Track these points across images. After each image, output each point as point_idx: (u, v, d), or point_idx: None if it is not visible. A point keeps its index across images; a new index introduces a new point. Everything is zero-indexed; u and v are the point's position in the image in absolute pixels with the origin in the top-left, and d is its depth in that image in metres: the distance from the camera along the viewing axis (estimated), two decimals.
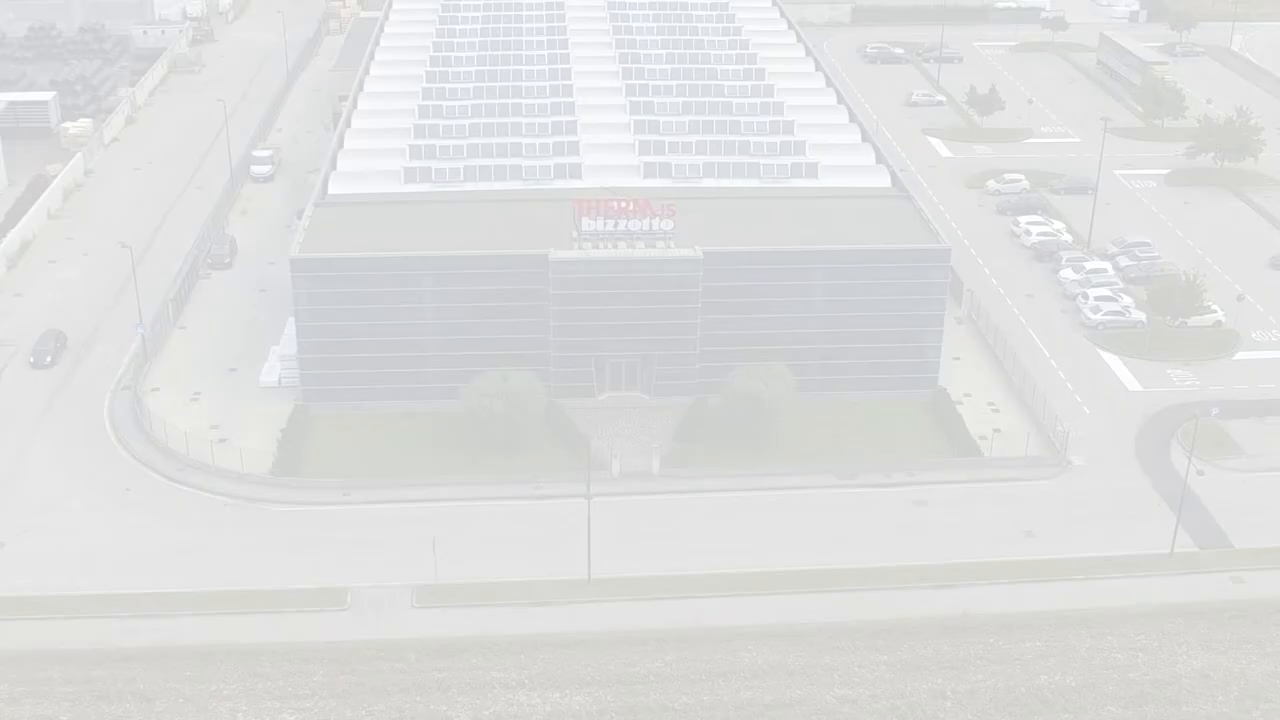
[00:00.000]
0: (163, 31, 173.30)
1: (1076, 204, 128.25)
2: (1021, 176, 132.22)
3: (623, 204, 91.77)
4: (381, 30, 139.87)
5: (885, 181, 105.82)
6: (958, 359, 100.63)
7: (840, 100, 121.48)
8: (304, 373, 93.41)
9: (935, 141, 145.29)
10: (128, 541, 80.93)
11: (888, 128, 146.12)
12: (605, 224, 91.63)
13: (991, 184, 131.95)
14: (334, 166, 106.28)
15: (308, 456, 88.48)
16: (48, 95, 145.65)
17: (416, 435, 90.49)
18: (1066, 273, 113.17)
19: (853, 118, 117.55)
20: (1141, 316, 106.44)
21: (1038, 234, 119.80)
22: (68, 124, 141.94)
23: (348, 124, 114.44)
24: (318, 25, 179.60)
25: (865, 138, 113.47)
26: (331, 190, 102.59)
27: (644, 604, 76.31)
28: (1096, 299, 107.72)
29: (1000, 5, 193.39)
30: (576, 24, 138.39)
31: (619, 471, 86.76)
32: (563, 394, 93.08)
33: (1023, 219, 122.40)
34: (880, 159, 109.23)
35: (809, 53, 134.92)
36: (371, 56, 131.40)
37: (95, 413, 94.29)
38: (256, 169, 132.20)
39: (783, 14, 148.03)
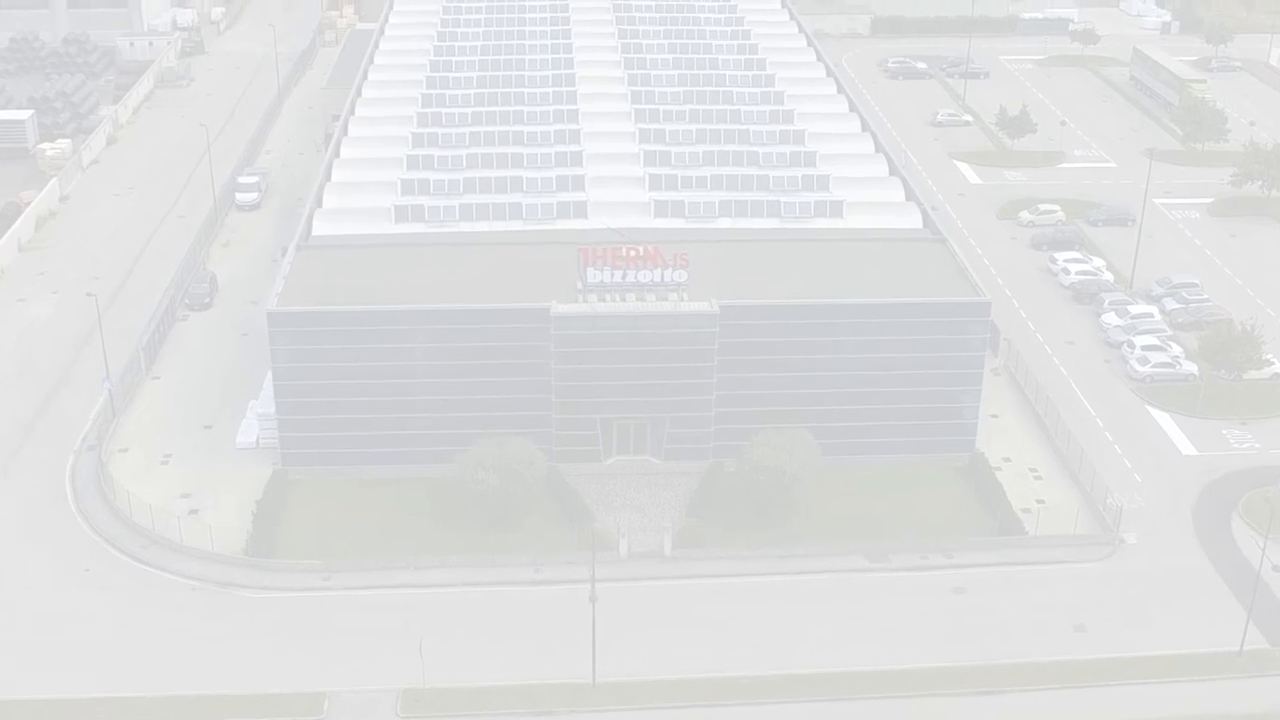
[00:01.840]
0: (150, 43, 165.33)
1: (1115, 237, 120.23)
2: (1057, 207, 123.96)
3: (632, 252, 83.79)
4: (376, 46, 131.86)
5: (916, 221, 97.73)
6: (995, 416, 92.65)
7: (865, 128, 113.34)
8: (283, 434, 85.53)
9: (963, 166, 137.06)
10: (82, 632, 73.00)
11: (912, 151, 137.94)
12: (612, 274, 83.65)
13: (1025, 215, 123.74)
14: (319, 203, 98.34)
15: (286, 530, 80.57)
16: (25, 114, 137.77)
17: (405, 506, 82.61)
18: (1109, 317, 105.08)
19: (878, 147, 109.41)
20: (1193, 368, 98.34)
21: (1076, 272, 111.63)
22: (45, 145, 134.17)
23: (336, 153, 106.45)
24: (312, 36, 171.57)
25: (893, 170, 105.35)
26: (316, 230, 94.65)
27: (654, 713, 68.31)
28: (1143, 349, 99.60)
29: (1026, 16, 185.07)
30: (583, 42, 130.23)
31: (626, 552, 78.84)
32: (566, 458, 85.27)
33: (1060, 256, 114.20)
34: (910, 195, 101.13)
35: (830, 73, 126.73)
36: (365, 76, 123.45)
37: (57, 476, 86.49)
38: (242, 196, 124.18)
39: (800, 29, 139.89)
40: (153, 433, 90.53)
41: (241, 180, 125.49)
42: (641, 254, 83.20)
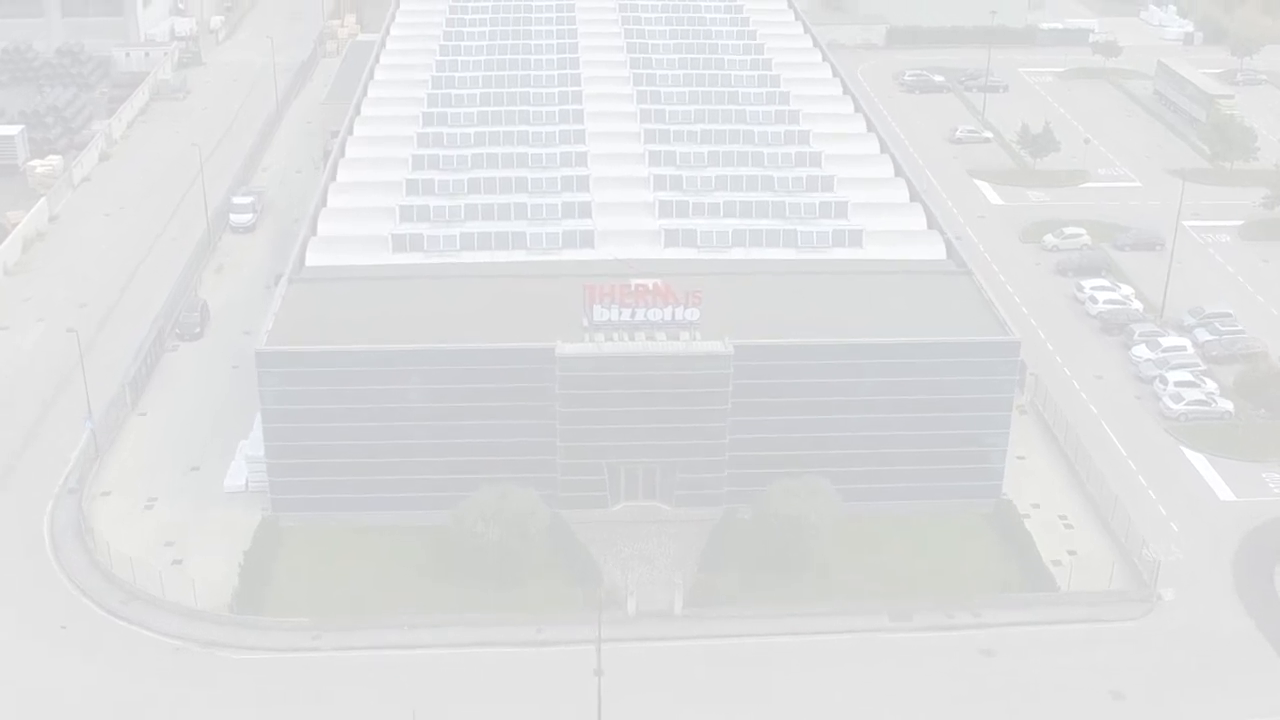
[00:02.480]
0: (146, 54, 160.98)
1: (1143, 262, 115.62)
2: (1082, 231, 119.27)
3: (640, 288, 79.34)
4: (377, 60, 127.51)
5: (939, 251, 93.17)
6: (1022, 458, 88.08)
7: (884, 149, 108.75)
8: (273, 480, 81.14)
9: (983, 185, 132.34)
10: (52, 699, 68.48)
11: (930, 169, 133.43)
12: (620, 313, 79.21)
13: (1049, 239, 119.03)
14: (314, 230, 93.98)
15: (275, 584, 76.11)
16: (14, 129, 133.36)
17: (400, 558, 78.12)
18: (1140, 350, 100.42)
19: (899, 171, 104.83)
20: (1229, 406, 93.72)
21: (1104, 301, 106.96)
22: (35, 162, 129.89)
23: (332, 177, 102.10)
24: (313, 47, 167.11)
25: (914, 196, 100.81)
26: (310, 260, 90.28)
27: None
28: (1176, 385, 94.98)
29: (1045, 26, 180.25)
30: (590, 57, 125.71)
31: (635, 611, 74.34)
32: (571, 504, 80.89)
33: (1087, 284, 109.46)
34: (933, 223, 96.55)
35: (846, 89, 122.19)
36: (364, 92, 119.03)
37: (35, 522, 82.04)
38: (236, 218, 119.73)
39: (815, 42, 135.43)
40: (137, 474, 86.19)
41: (236, 201, 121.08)
42: (651, 292, 78.73)
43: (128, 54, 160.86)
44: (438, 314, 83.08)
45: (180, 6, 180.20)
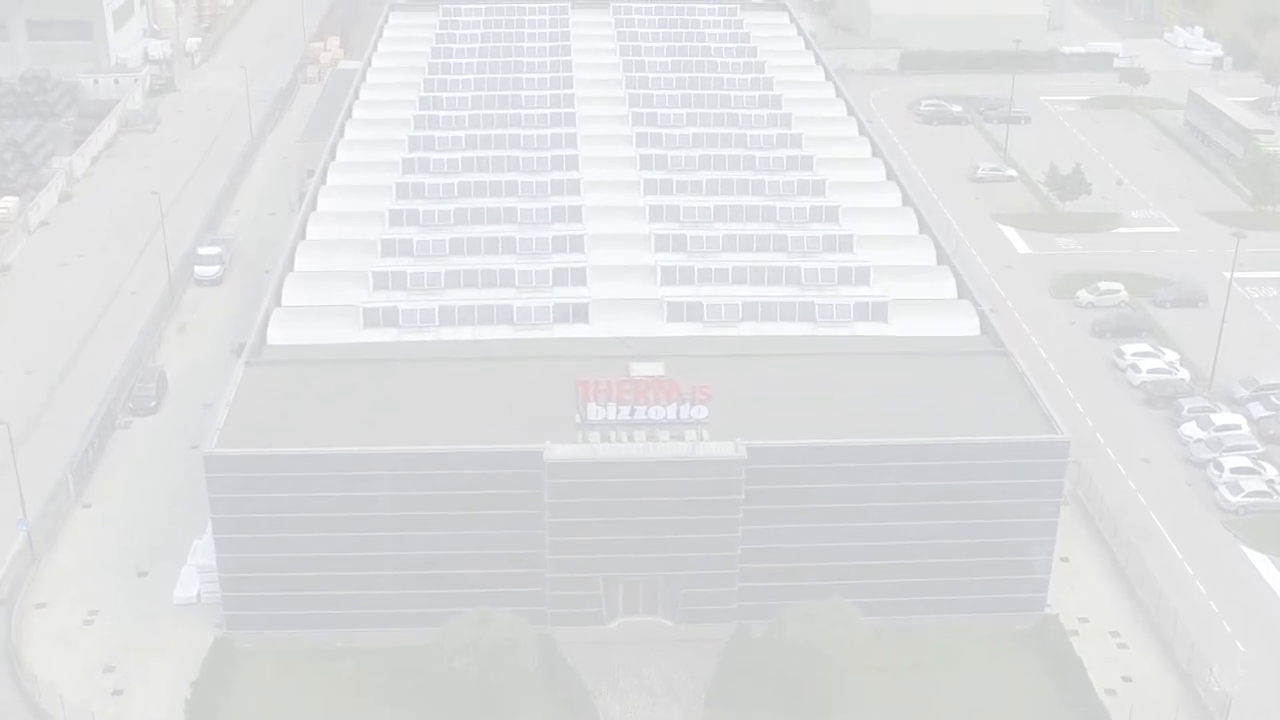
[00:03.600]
0: (116, 80, 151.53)
1: (1185, 320, 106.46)
2: (1119, 286, 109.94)
3: (642, 384, 70.14)
4: (356, 95, 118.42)
5: (973, 325, 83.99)
6: (1065, 560, 78.92)
7: (906, 200, 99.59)
8: (226, 595, 72.00)
9: (1009, 231, 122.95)
10: None
11: (952, 212, 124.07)
12: (619, 411, 70.00)
13: (1083, 295, 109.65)
14: (278, 300, 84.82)
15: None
16: None
17: (370, 690, 68.97)
18: (1190, 428, 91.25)
19: (923, 227, 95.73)
20: None
21: (1148, 370, 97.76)
22: None
23: (301, 234, 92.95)
24: (293, 73, 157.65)
25: (941, 257, 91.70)
26: (272, 336, 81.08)
27: None
28: (1233, 472, 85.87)
29: (1068, 51, 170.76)
30: (586, 92, 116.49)
31: None
32: (562, 622, 71.76)
33: (1128, 349, 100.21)
34: (963, 291, 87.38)
35: (863, 130, 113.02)
36: (341, 133, 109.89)
37: None
38: (202, 270, 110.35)
39: (828, 75, 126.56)
40: (78, 580, 76.95)
41: (201, 251, 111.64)
42: (653, 388, 69.51)
43: (96, 81, 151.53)
44: (412, 406, 73.89)
45: (155, 28, 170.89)
